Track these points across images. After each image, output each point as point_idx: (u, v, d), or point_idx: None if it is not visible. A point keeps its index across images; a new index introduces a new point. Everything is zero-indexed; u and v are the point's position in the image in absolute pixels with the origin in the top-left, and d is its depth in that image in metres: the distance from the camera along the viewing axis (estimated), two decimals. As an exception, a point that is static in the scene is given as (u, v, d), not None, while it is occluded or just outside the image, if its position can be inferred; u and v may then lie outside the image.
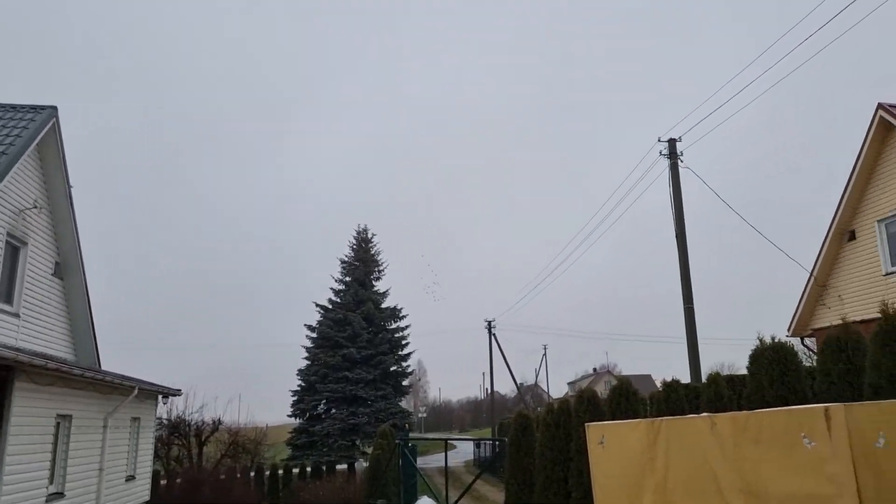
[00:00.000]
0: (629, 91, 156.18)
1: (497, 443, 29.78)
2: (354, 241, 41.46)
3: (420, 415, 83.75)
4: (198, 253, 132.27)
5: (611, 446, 8.06)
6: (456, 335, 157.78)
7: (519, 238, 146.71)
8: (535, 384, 79.19)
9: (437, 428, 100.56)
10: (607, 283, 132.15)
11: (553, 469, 13.91)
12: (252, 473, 31.17)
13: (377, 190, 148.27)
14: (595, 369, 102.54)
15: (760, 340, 9.65)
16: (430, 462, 41.73)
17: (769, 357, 9.30)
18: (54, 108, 16.40)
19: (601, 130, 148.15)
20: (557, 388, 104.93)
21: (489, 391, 65.24)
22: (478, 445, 40.19)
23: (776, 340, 9.54)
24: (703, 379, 15.25)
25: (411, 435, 37.54)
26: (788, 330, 20.47)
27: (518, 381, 57.86)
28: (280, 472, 31.66)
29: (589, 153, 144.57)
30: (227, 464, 30.83)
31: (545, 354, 74.25)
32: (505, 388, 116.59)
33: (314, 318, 39.25)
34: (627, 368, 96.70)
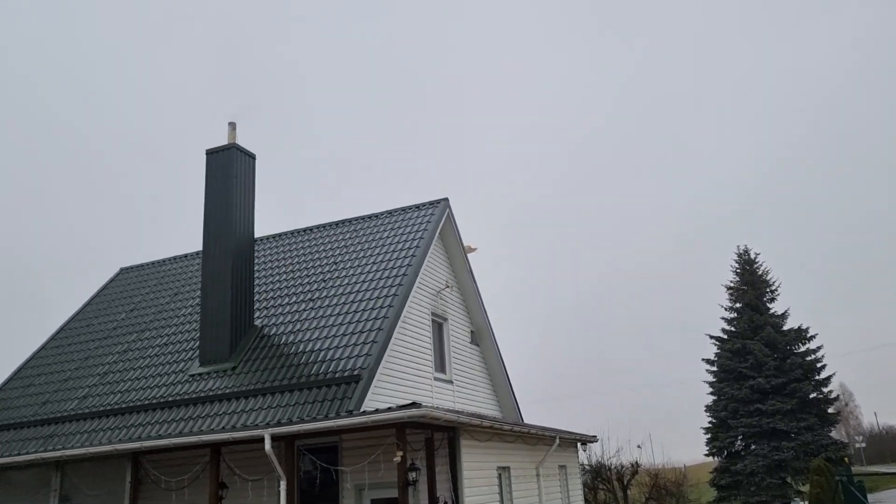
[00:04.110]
0: None
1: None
2: (737, 265, 39.07)
3: (857, 445, 72.57)
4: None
5: None
6: (884, 349, 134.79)
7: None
8: None
9: (880, 459, 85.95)
10: None
11: None
12: (680, 516, 30.41)
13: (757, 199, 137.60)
14: None
15: None
16: (883, 500, 35.91)
17: None
18: (446, 199, 19.02)
19: None
20: None
21: (945, 411, 53.86)
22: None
23: None
24: None
25: (853, 469, 33.00)
26: None
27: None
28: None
29: None
30: (653, 506, 30.67)
31: None
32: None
33: (709, 350, 37.78)
34: None
